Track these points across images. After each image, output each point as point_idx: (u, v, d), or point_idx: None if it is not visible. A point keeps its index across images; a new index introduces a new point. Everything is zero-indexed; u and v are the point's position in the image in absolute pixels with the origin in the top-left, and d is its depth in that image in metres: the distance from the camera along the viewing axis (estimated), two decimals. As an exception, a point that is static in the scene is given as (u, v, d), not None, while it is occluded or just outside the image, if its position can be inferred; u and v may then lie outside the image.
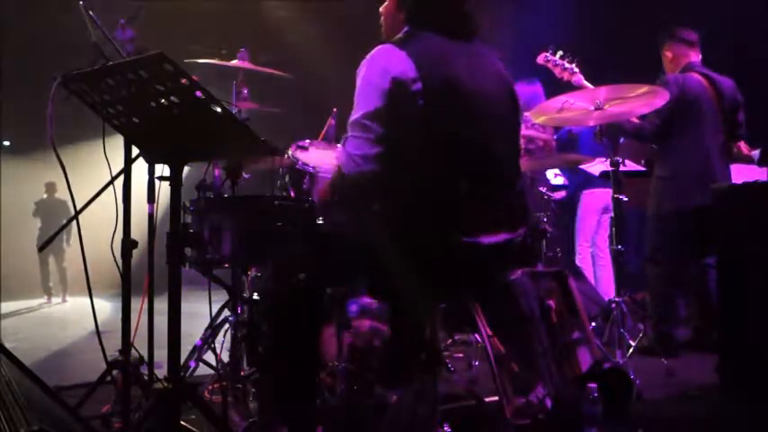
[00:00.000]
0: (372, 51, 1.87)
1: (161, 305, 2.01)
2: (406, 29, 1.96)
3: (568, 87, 3.20)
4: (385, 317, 2.16)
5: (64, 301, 8.41)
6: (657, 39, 3.86)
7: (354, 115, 1.85)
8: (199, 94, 1.62)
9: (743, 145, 3.80)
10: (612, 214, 4.70)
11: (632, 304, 3.28)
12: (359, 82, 1.87)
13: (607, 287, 4.52)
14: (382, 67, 1.83)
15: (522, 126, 3.73)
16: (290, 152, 2.79)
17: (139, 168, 2.25)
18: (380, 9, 2.09)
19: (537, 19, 6.05)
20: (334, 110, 3.08)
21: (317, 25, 7.45)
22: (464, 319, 1.87)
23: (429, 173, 1.83)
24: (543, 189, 3.72)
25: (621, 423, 1.97)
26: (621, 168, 3.22)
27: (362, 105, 1.84)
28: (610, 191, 4.61)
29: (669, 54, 3.80)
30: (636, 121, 3.52)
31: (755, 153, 3.84)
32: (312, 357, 1.99)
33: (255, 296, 2.63)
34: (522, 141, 3.68)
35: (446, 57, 1.88)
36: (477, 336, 2.83)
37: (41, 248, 5.68)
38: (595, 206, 4.76)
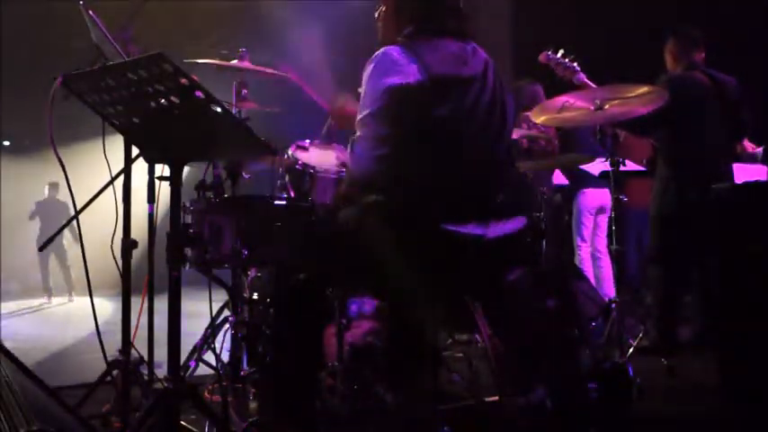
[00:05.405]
0: (377, 52, 1.89)
1: (161, 305, 2.01)
2: (407, 30, 1.97)
3: (569, 88, 3.19)
4: (385, 316, 2.16)
5: (71, 300, 8.38)
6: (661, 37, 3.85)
7: (360, 115, 1.89)
8: (199, 94, 1.62)
9: (746, 143, 3.79)
10: (608, 215, 4.73)
11: (632, 304, 3.27)
12: (364, 83, 1.90)
13: (607, 287, 4.51)
14: (387, 68, 1.85)
15: (524, 126, 3.74)
16: (289, 152, 2.79)
17: (139, 168, 2.25)
18: (377, 12, 2.11)
19: (537, 18, 6.05)
20: (335, 110, 3.07)
21: (317, 25, 7.45)
22: (464, 319, 1.86)
23: (430, 172, 1.85)
24: (543, 189, 3.71)
25: (622, 423, 1.97)
26: (621, 168, 3.21)
27: (368, 105, 1.87)
28: (605, 191, 4.64)
29: (672, 52, 3.78)
30: None
31: (759, 150, 3.84)
32: (312, 357, 2.00)
33: (255, 296, 2.63)
34: (524, 142, 3.69)
35: (448, 57, 1.91)
36: (477, 336, 2.83)
37: (42, 248, 5.70)
38: (590, 206, 4.75)
